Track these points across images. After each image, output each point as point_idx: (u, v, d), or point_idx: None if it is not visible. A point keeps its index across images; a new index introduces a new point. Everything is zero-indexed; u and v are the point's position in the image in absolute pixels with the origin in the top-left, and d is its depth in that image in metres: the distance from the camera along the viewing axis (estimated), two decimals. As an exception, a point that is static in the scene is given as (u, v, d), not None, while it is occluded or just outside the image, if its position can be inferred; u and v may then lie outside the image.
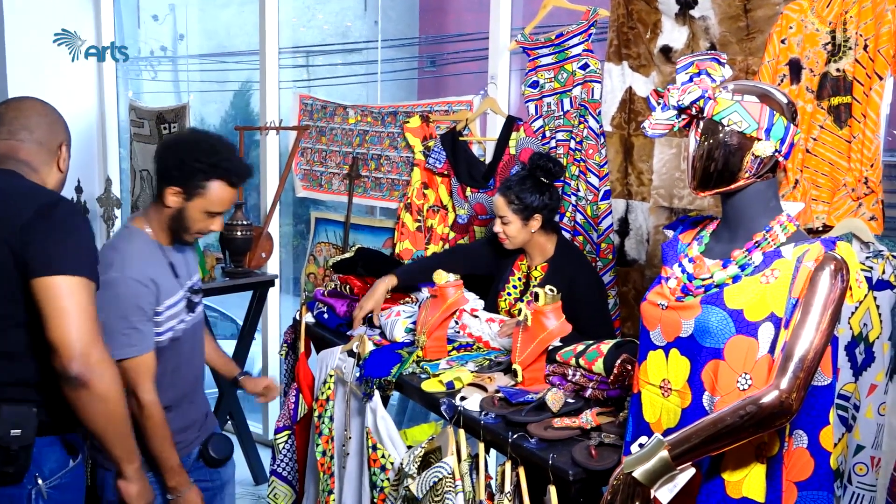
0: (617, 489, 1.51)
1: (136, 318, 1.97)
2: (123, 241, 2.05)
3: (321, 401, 2.59)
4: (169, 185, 2.01)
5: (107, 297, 1.89)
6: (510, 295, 2.70)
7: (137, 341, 1.97)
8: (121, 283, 1.94)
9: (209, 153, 2.02)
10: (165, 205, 2.03)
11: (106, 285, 1.88)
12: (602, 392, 2.12)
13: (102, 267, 1.87)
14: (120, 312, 1.94)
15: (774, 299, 1.50)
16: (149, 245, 2.06)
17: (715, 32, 2.57)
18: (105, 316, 1.86)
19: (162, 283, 2.03)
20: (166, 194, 2.02)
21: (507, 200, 2.54)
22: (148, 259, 2.03)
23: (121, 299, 1.94)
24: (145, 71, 5.83)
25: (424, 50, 6.70)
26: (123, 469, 1.90)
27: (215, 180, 2.03)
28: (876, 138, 2.22)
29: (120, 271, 1.95)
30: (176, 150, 2.04)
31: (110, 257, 1.98)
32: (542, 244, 2.62)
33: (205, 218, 2.07)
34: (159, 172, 2.04)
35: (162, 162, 2.04)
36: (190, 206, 2.03)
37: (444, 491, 1.95)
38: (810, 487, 1.58)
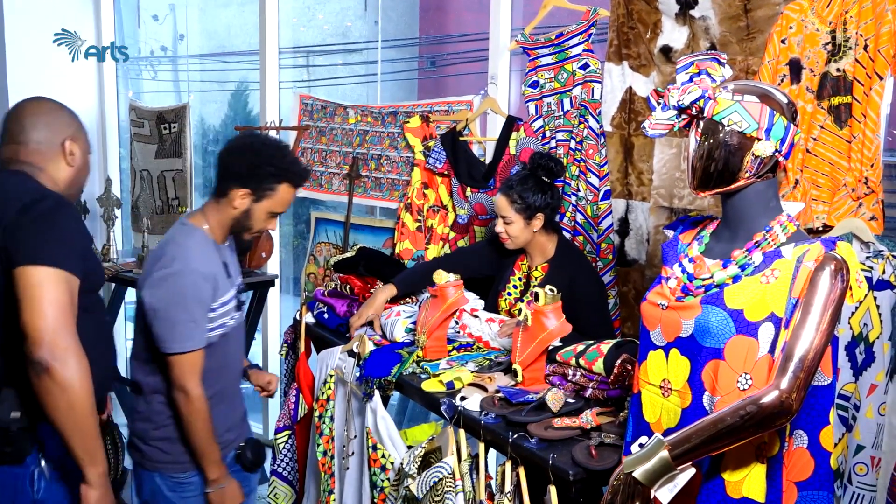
0: (617, 489, 1.51)
1: (198, 312, 2.03)
2: (184, 237, 2.09)
3: (321, 401, 2.59)
4: (238, 187, 2.08)
5: (170, 290, 1.99)
6: (510, 295, 2.70)
7: (196, 335, 2.03)
8: (185, 276, 2.00)
9: (279, 157, 2.12)
10: (232, 206, 2.10)
11: (170, 278, 1.99)
12: (602, 392, 2.12)
13: (165, 261, 2.01)
14: (183, 305, 1.99)
15: (774, 299, 1.50)
16: (207, 242, 2.11)
17: (715, 32, 2.57)
18: (167, 308, 1.98)
19: (219, 280, 2.09)
20: (233, 196, 2.09)
21: (509, 200, 2.54)
22: (208, 255, 2.09)
23: (185, 292, 2.00)
24: (145, 71, 5.83)
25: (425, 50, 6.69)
26: (85, 472, 1.83)
27: (284, 183, 2.12)
28: (876, 138, 2.22)
29: (184, 265, 2.01)
30: (246, 154, 2.09)
31: (172, 252, 2.04)
32: (543, 244, 2.62)
33: (267, 218, 2.16)
34: (226, 175, 2.09)
35: (230, 165, 2.09)
36: (257, 208, 2.12)
37: (445, 491, 1.95)
38: (810, 487, 1.58)
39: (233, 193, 2.09)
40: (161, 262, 2.03)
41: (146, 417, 2.13)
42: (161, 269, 2.01)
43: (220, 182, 2.12)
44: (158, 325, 2.00)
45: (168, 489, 2.13)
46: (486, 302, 2.74)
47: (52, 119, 2.03)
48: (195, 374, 2.03)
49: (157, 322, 2.00)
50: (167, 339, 2.00)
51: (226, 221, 2.13)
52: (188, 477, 2.13)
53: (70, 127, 2.04)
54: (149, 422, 2.12)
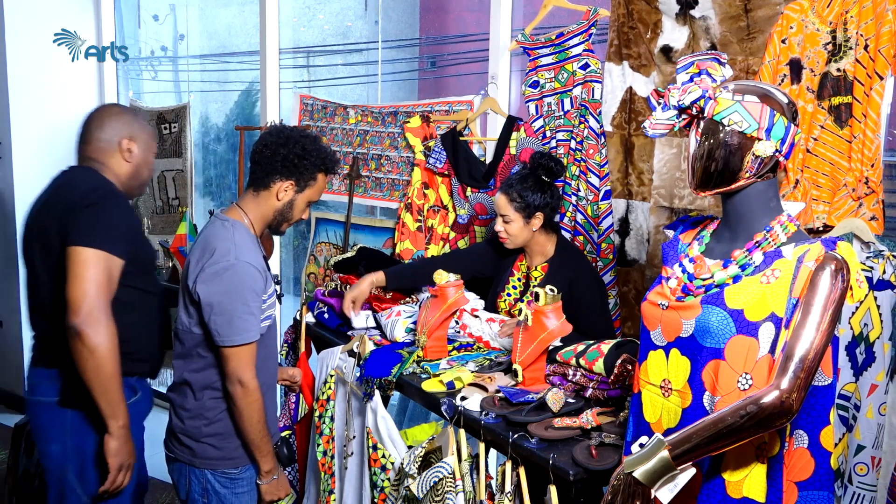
0: (617, 489, 1.51)
1: (255, 303, 2.06)
2: (229, 231, 2.09)
3: (322, 401, 2.59)
4: (283, 179, 2.13)
5: (226, 284, 2.02)
6: (510, 296, 2.70)
7: (253, 326, 2.06)
8: (239, 269, 2.03)
9: (317, 148, 2.17)
10: (276, 198, 2.14)
11: (226, 272, 2.01)
12: (602, 392, 2.12)
13: (217, 256, 2.03)
14: (241, 297, 2.03)
15: (775, 299, 1.50)
16: (251, 236, 2.14)
17: (715, 32, 2.57)
18: (225, 301, 2.01)
19: (266, 272, 2.13)
20: (278, 188, 2.13)
21: (508, 199, 2.54)
22: (254, 248, 2.12)
23: (241, 284, 2.03)
24: (146, 71, 5.82)
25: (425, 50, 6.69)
26: (108, 425, 2.09)
27: (322, 172, 2.19)
28: (876, 138, 2.22)
29: (236, 258, 2.03)
30: (290, 146, 2.12)
31: (223, 246, 2.05)
32: (543, 244, 2.62)
33: (305, 208, 2.22)
34: (270, 168, 2.12)
35: (274, 158, 2.11)
36: (299, 198, 2.17)
37: (445, 491, 1.95)
38: (811, 487, 1.58)
39: (276, 186, 2.13)
40: (213, 257, 2.04)
41: (197, 414, 2.14)
42: (215, 264, 2.03)
43: (260, 175, 2.14)
44: (216, 320, 2.03)
45: (221, 486, 2.15)
46: (486, 303, 2.74)
47: (114, 121, 2.31)
48: (252, 365, 2.07)
49: (214, 316, 2.03)
50: (226, 333, 2.03)
51: (268, 214, 2.17)
52: (240, 472, 2.16)
53: (128, 127, 2.32)
54: (201, 418, 2.13)
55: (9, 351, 4.68)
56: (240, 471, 2.16)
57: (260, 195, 2.16)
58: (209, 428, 2.13)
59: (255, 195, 2.16)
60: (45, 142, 4.58)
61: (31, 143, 4.51)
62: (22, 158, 4.49)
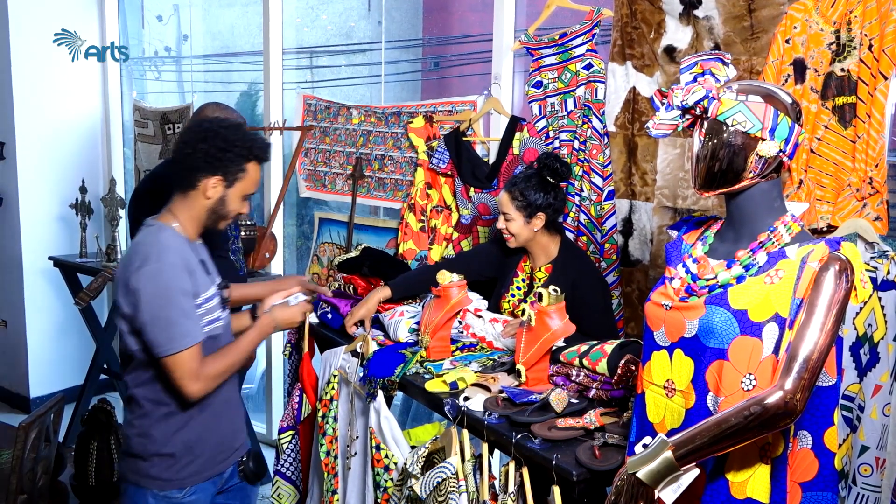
0: (621, 490, 1.51)
1: (187, 303, 1.96)
2: (153, 236, 2.01)
3: (325, 401, 2.59)
4: (208, 176, 2.01)
5: (153, 291, 1.91)
6: (514, 296, 2.70)
7: (191, 329, 1.97)
8: (164, 272, 1.93)
9: (242, 137, 2.05)
10: (205, 196, 2.03)
11: (148, 278, 1.91)
12: (606, 392, 2.12)
13: (138, 263, 1.93)
14: (170, 301, 1.93)
15: (779, 300, 1.50)
16: (179, 238, 2.04)
17: (719, 32, 2.56)
18: (154, 309, 1.91)
19: (196, 277, 2.02)
20: (205, 186, 2.02)
21: (511, 197, 2.54)
22: (181, 249, 2.01)
23: (168, 288, 1.93)
24: (149, 71, 5.83)
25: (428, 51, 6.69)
26: None
27: (252, 162, 2.07)
28: (881, 138, 2.22)
29: (158, 261, 1.94)
30: (210, 140, 2.01)
31: (144, 252, 1.96)
32: (546, 245, 2.62)
33: (241, 201, 2.10)
34: (192, 166, 2.02)
35: (195, 155, 2.01)
36: (230, 193, 2.06)
37: (448, 491, 1.95)
38: (815, 488, 1.58)
39: (202, 184, 2.02)
40: (134, 265, 1.95)
41: (143, 432, 2.03)
42: (137, 272, 1.93)
43: (184, 175, 2.04)
44: (149, 330, 1.93)
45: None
46: (489, 303, 2.74)
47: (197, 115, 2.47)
48: (197, 370, 1.96)
49: (147, 327, 1.93)
50: (162, 342, 1.92)
51: (200, 214, 2.06)
52: (185, 496, 2.05)
53: None
54: (146, 436, 2.03)
55: (13, 351, 4.68)
56: (184, 493, 2.05)
57: (188, 196, 2.04)
58: (155, 446, 2.02)
59: (184, 196, 2.05)
60: (50, 142, 4.60)
61: (36, 143, 4.53)
62: (26, 159, 4.51)
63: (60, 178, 4.64)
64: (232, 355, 2.07)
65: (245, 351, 2.12)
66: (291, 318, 2.28)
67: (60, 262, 4.36)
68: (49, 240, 4.61)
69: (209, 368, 2.00)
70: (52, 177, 4.63)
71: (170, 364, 1.94)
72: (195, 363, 1.96)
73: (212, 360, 2.01)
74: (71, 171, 4.66)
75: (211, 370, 2.00)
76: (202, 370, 1.98)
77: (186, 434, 2.04)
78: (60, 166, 4.66)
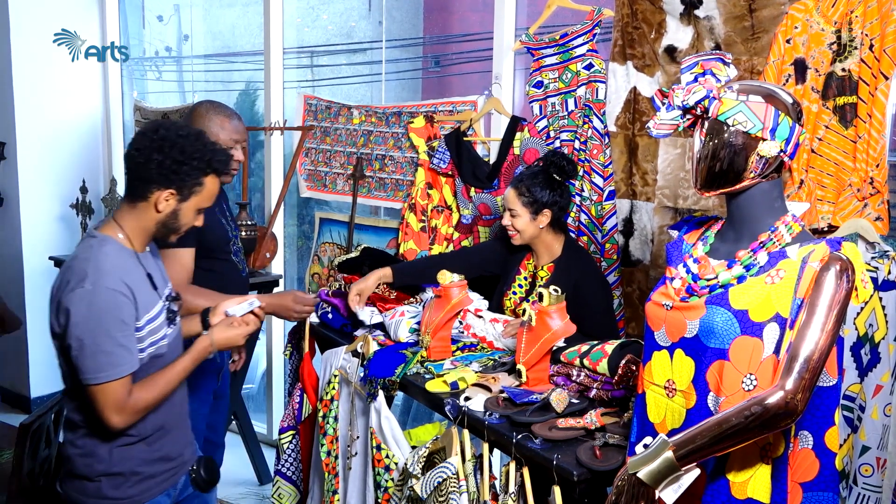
0: (621, 490, 1.51)
1: (121, 333, 1.82)
2: (93, 251, 1.85)
3: (325, 401, 2.59)
4: (161, 189, 1.88)
5: (84, 314, 1.78)
6: (515, 294, 2.70)
7: (122, 359, 1.82)
8: (99, 296, 1.79)
9: (201, 149, 1.92)
10: (155, 209, 1.90)
11: (81, 300, 1.78)
12: (606, 392, 2.12)
13: (73, 282, 1.80)
14: (102, 328, 1.79)
15: (779, 300, 1.50)
16: (123, 253, 1.89)
17: (720, 32, 2.56)
18: (85, 334, 1.78)
19: (140, 295, 1.88)
20: (157, 199, 1.88)
21: (517, 192, 2.55)
22: (123, 268, 1.87)
23: (101, 314, 1.79)
24: (150, 71, 5.84)
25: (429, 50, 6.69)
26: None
27: (210, 175, 1.95)
28: (882, 138, 2.22)
29: (94, 283, 1.79)
30: (165, 150, 1.87)
31: (81, 269, 1.82)
32: (550, 243, 2.62)
33: (195, 215, 1.98)
34: (144, 176, 1.88)
35: (147, 166, 1.87)
36: (185, 207, 1.93)
37: (449, 491, 1.95)
38: (816, 488, 1.58)
39: (154, 196, 1.88)
40: (68, 285, 1.80)
41: (88, 452, 1.92)
42: (70, 293, 1.79)
43: (136, 183, 1.90)
44: (77, 356, 1.79)
45: None
46: (492, 301, 2.74)
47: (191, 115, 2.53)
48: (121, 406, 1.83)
49: (75, 352, 1.80)
50: (88, 369, 1.79)
51: (148, 226, 1.93)
52: None
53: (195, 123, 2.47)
54: (92, 456, 1.91)
55: (13, 351, 4.68)
56: None
57: (137, 206, 1.90)
58: (102, 466, 1.91)
59: (133, 206, 1.91)
60: (50, 142, 4.60)
61: (36, 143, 4.53)
62: (27, 159, 4.50)
63: (61, 178, 4.64)
64: (162, 385, 1.93)
65: (177, 379, 1.97)
66: (232, 340, 2.09)
67: (61, 262, 4.36)
68: (50, 240, 4.61)
69: (137, 400, 1.87)
70: (52, 177, 4.63)
71: (94, 393, 1.82)
72: (121, 395, 1.83)
73: (140, 391, 1.88)
74: (71, 171, 4.66)
75: (139, 402, 1.87)
76: (128, 402, 1.85)
77: (133, 451, 1.94)
78: (61, 166, 4.66)
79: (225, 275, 2.56)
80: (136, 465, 1.95)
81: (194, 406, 2.53)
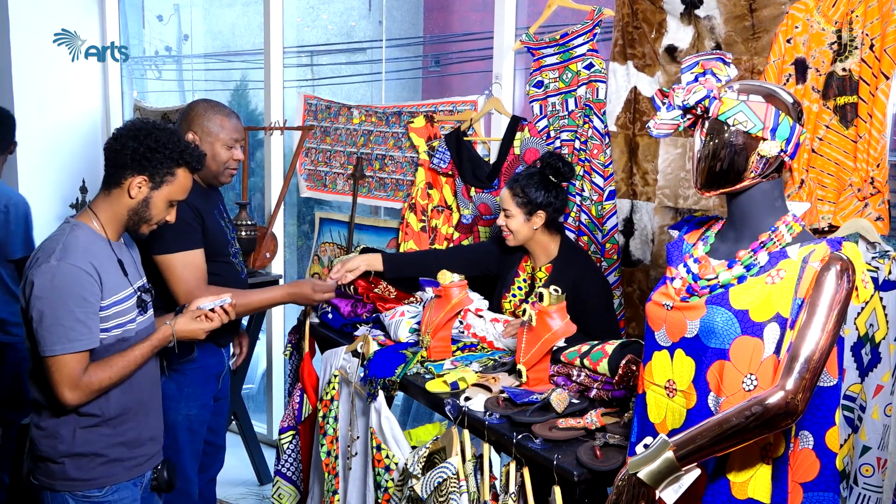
0: (622, 490, 1.51)
1: (82, 309, 1.88)
2: (64, 234, 1.95)
3: (325, 401, 2.59)
4: (134, 175, 1.97)
5: (47, 288, 1.86)
6: (515, 296, 2.70)
7: (80, 334, 1.89)
8: (62, 271, 1.87)
9: (174, 141, 2.02)
10: (128, 196, 1.99)
11: (44, 274, 1.86)
12: (607, 392, 2.11)
13: (42, 258, 1.89)
14: (62, 302, 1.86)
15: (780, 300, 1.50)
16: (94, 237, 1.98)
17: (720, 32, 2.56)
18: (45, 307, 1.85)
19: (106, 276, 1.95)
20: (129, 184, 1.98)
21: (512, 193, 2.55)
22: (91, 248, 1.94)
23: (63, 289, 1.87)
24: (150, 71, 5.84)
25: (429, 49, 6.70)
26: None
27: (182, 168, 2.03)
28: (882, 138, 2.21)
29: (60, 260, 1.88)
30: (140, 139, 1.97)
31: (50, 248, 1.91)
32: (546, 244, 2.62)
33: (166, 207, 2.05)
34: (119, 162, 1.98)
35: (123, 152, 1.97)
36: (156, 196, 2.01)
37: (449, 491, 1.95)
38: (816, 488, 1.58)
39: (127, 182, 1.98)
40: (38, 260, 1.90)
41: (52, 433, 1.96)
42: (36, 268, 1.88)
43: (111, 171, 2.00)
44: (38, 328, 1.87)
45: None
46: (491, 303, 2.74)
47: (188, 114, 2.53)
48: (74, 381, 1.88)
49: (36, 325, 1.87)
50: (46, 341, 1.86)
51: (121, 213, 2.01)
52: (105, 494, 2.00)
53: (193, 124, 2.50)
54: (55, 437, 1.96)
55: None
56: (104, 492, 1.99)
57: (112, 194, 2.00)
58: (65, 446, 1.95)
59: (107, 194, 2.00)
60: (51, 142, 4.59)
61: (37, 143, 4.52)
62: (27, 159, 4.50)
63: (61, 177, 4.64)
64: (119, 366, 1.97)
65: (135, 362, 2.00)
66: (193, 333, 2.12)
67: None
68: (50, 240, 4.60)
69: (92, 378, 1.91)
70: (52, 177, 4.62)
71: (50, 365, 1.88)
72: (76, 370, 1.88)
73: (96, 369, 1.92)
74: (71, 171, 4.65)
75: (94, 380, 1.91)
76: (83, 379, 1.90)
77: (97, 433, 1.98)
78: (61, 166, 4.65)
79: (224, 276, 2.57)
80: (100, 448, 1.98)
81: (195, 412, 2.54)
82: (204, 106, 2.57)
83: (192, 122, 2.52)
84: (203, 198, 2.52)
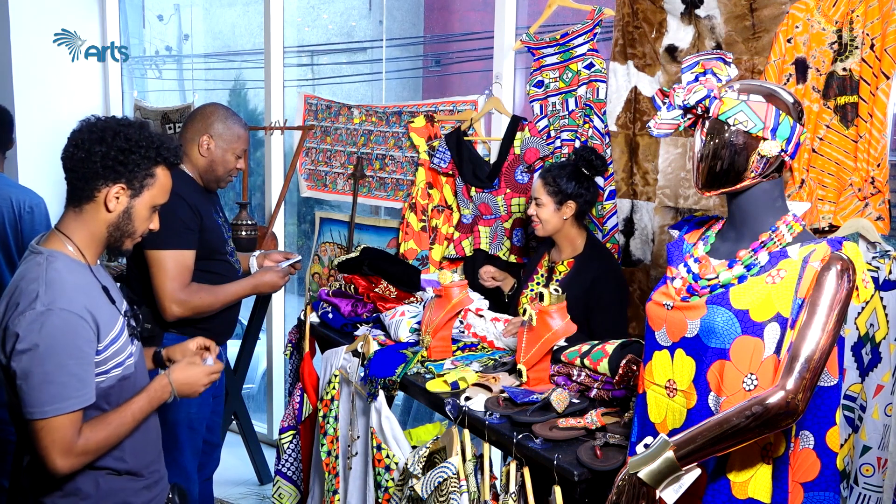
0: (622, 490, 1.51)
1: (76, 361, 1.60)
2: (42, 269, 1.64)
3: (326, 401, 2.59)
4: (109, 184, 1.69)
5: (33, 339, 1.56)
6: (532, 291, 2.70)
7: (75, 391, 1.60)
8: (52, 319, 1.58)
9: (147, 137, 1.73)
10: (107, 209, 1.70)
11: (31, 324, 1.57)
12: (607, 392, 2.11)
13: (23, 304, 1.59)
14: (55, 356, 1.57)
15: (780, 299, 1.50)
16: (74, 266, 1.68)
17: (720, 32, 2.56)
18: (34, 363, 1.56)
19: (100, 315, 1.67)
20: (105, 196, 1.69)
21: (543, 182, 2.59)
22: (79, 285, 1.66)
23: (54, 340, 1.58)
24: (150, 70, 5.84)
25: (429, 49, 6.70)
26: None
27: (160, 166, 1.76)
28: (882, 138, 2.21)
29: (47, 304, 1.58)
30: (109, 141, 1.68)
31: (31, 290, 1.60)
32: (573, 238, 2.63)
33: (150, 214, 1.77)
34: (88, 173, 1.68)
35: (90, 160, 1.68)
36: (138, 203, 1.73)
37: (449, 491, 1.95)
38: (817, 488, 1.58)
39: (102, 193, 1.69)
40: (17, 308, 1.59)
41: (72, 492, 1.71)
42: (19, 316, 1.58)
43: (78, 184, 1.70)
44: (23, 385, 1.57)
45: None
46: (509, 299, 2.75)
47: (195, 119, 2.59)
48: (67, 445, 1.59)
49: (20, 381, 1.57)
50: (34, 401, 1.56)
51: (99, 232, 1.71)
52: None
53: (211, 128, 2.55)
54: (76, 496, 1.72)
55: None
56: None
57: (84, 210, 1.70)
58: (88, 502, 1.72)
59: (78, 211, 1.70)
60: (50, 142, 4.57)
61: (36, 143, 4.51)
62: (27, 159, 4.50)
63: (61, 177, 4.60)
64: (116, 425, 1.68)
65: (132, 421, 1.71)
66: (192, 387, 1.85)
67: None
68: (50, 239, 4.60)
69: (87, 442, 1.63)
70: (52, 177, 4.60)
71: (39, 429, 1.58)
72: (69, 434, 1.59)
73: (91, 431, 1.64)
74: (72, 170, 4.65)
75: (89, 443, 1.63)
76: (77, 443, 1.61)
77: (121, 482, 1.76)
78: (61, 166, 4.65)
79: (223, 274, 2.60)
80: (127, 496, 1.77)
81: (194, 410, 2.56)
82: (223, 112, 2.60)
83: (210, 125, 2.56)
84: (203, 197, 2.57)
